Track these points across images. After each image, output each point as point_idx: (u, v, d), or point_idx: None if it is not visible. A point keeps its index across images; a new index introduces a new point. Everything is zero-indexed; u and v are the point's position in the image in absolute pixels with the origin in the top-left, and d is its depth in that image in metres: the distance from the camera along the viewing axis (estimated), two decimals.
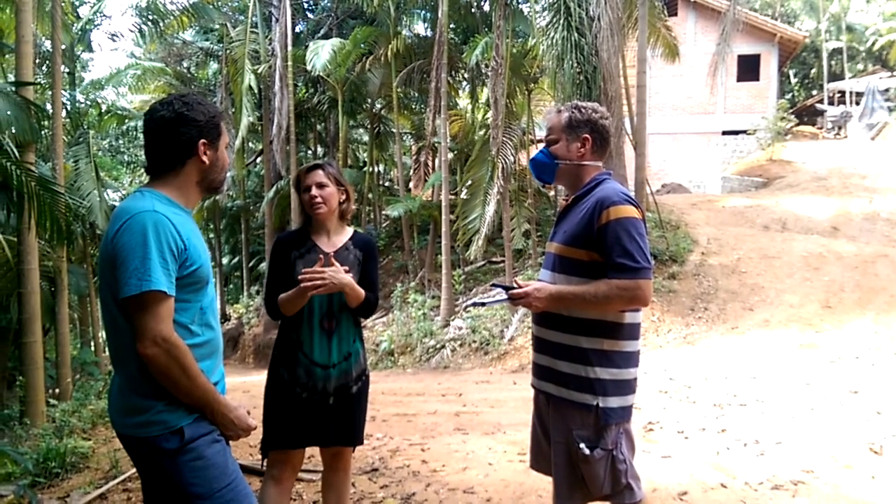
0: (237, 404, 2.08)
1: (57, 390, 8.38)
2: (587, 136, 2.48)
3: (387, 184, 25.46)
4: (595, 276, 2.33)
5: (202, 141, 2.06)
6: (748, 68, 23.92)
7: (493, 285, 2.92)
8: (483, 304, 2.66)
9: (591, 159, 2.51)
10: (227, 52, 17.97)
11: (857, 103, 26.20)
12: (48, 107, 9.54)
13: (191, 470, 1.95)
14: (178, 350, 1.89)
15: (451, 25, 16.21)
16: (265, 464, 2.84)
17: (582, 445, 2.33)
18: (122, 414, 2.01)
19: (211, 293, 2.13)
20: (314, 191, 2.79)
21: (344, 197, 2.89)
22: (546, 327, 2.48)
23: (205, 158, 2.07)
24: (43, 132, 7.92)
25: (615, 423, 2.38)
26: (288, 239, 2.88)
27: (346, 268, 2.75)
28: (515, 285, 2.42)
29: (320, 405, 2.74)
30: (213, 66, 22.56)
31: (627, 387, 2.41)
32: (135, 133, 17.46)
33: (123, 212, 1.95)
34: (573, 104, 2.53)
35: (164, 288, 1.87)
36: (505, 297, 2.44)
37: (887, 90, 25.50)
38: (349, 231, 2.96)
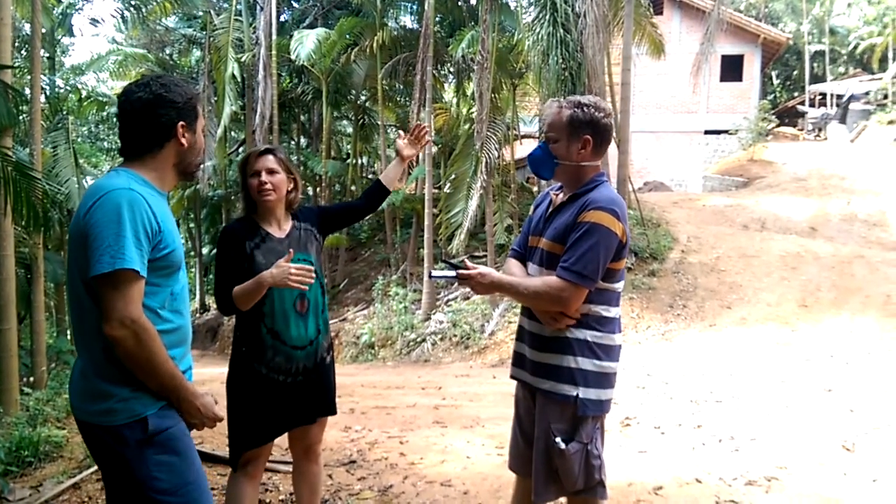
0: (204, 391, 2.02)
1: (31, 379, 8.26)
2: (588, 136, 2.40)
3: (370, 176, 25.36)
4: None
5: (181, 123, 2.00)
6: (731, 68, 24.11)
7: (443, 261, 2.96)
8: (431, 277, 2.67)
9: (591, 160, 2.45)
10: (211, 39, 17.77)
11: (839, 105, 26.55)
12: (27, 91, 9.38)
13: (155, 463, 1.89)
14: (147, 333, 1.83)
15: (438, 18, 16.17)
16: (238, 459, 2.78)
17: (558, 439, 2.34)
18: (84, 399, 1.93)
19: (183, 279, 2.06)
20: (264, 176, 2.70)
21: (292, 185, 2.82)
22: (533, 319, 2.46)
23: (183, 141, 2.02)
24: (21, 117, 7.78)
25: (592, 417, 2.39)
26: (237, 229, 2.75)
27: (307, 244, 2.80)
28: (464, 266, 2.43)
29: (302, 385, 2.72)
30: (196, 53, 22.29)
31: (607, 380, 2.42)
32: (115, 120, 17.14)
33: (98, 189, 1.89)
34: (575, 101, 2.43)
35: (136, 267, 1.81)
36: (453, 274, 2.44)
37: (867, 93, 25.83)
38: (290, 216, 2.88)
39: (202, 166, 19.51)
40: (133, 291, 1.82)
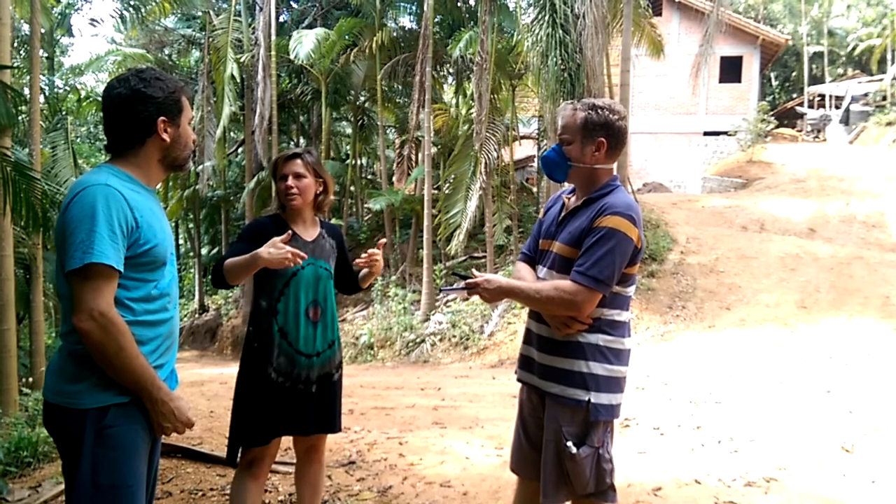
0: (178, 395, 1.98)
1: (30, 379, 8.27)
2: (602, 139, 2.39)
3: (369, 177, 25.36)
4: None
5: (161, 119, 1.98)
6: (730, 70, 24.13)
7: (454, 274, 2.95)
8: (441, 291, 2.68)
9: (605, 163, 2.44)
10: (210, 40, 17.78)
11: (837, 107, 26.57)
12: (26, 91, 9.39)
13: (100, 456, 1.86)
14: (115, 327, 1.82)
15: (437, 19, 16.18)
16: (238, 456, 2.79)
17: (569, 443, 2.33)
18: (59, 379, 1.92)
19: (169, 274, 2.04)
20: (290, 181, 2.74)
21: (321, 189, 2.85)
22: (542, 322, 2.44)
23: (165, 136, 2.00)
24: (20, 117, 7.78)
25: (603, 421, 2.38)
26: (266, 225, 2.79)
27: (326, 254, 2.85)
28: (471, 276, 2.43)
29: (303, 394, 2.72)
30: (196, 54, 22.30)
31: (618, 384, 2.42)
32: None
33: (77, 185, 1.90)
34: (590, 103, 2.42)
35: (108, 262, 1.81)
36: (462, 286, 2.45)
37: (866, 94, 25.87)
38: (318, 221, 2.94)
39: (202, 167, 19.35)
40: (103, 285, 1.82)
